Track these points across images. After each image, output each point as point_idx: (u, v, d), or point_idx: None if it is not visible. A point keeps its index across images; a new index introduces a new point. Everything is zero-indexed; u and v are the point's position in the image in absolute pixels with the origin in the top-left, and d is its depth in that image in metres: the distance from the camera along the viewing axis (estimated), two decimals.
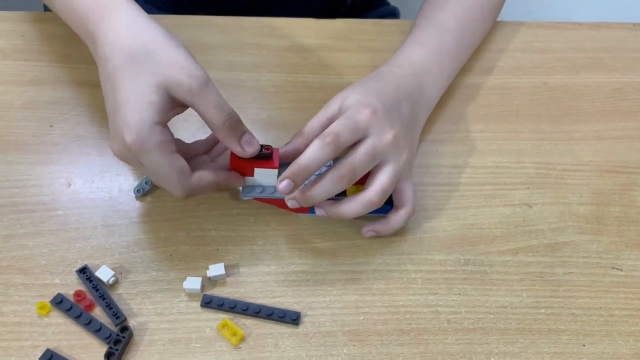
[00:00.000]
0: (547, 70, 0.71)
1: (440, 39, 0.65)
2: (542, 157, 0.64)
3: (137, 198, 0.57)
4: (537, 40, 0.74)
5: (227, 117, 0.50)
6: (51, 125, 0.62)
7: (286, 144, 0.55)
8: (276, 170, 0.53)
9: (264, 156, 0.52)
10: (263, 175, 0.54)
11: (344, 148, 0.52)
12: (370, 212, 0.54)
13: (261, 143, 0.52)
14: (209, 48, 0.70)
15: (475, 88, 0.69)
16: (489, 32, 0.73)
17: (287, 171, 0.51)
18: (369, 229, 0.56)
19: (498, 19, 0.75)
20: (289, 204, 0.53)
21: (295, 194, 0.52)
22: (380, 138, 0.53)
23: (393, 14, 0.95)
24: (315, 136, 0.53)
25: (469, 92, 0.69)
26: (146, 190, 0.57)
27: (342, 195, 0.54)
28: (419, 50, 0.64)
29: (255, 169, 0.53)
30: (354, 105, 0.54)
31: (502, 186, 0.61)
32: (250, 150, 0.52)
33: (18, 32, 0.69)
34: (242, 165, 0.53)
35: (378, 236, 0.56)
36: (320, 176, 0.52)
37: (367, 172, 0.53)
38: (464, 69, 0.70)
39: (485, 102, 0.68)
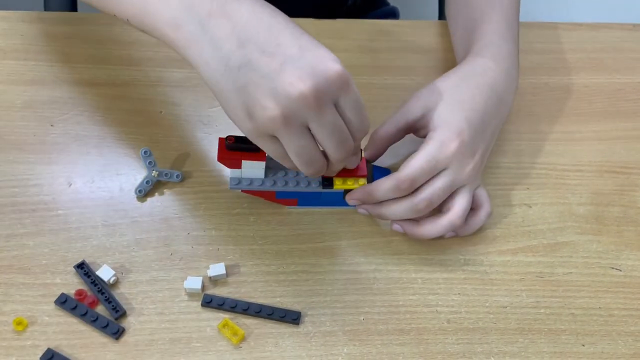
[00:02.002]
0: (547, 71, 0.72)
1: (515, 43, 0.62)
2: (542, 157, 0.64)
3: (138, 198, 0.57)
4: (538, 40, 0.75)
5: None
6: (51, 125, 0.62)
7: (365, 148, 0.57)
8: (264, 163, 0.53)
9: (252, 149, 0.52)
10: (251, 168, 0.54)
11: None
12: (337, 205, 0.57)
13: None
14: None
15: None
16: None
17: (357, 193, 0.54)
18: (450, 235, 0.56)
19: None
20: (360, 211, 0.56)
21: (369, 207, 0.55)
22: (459, 172, 0.53)
23: (393, 14, 0.95)
24: (390, 140, 0.56)
25: None
26: (147, 190, 0.58)
27: (329, 186, 0.55)
28: (508, 47, 0.60)
29: (243, 161, 0.53)
30: (441, 135, 0.53)
31: (502, 186, 0.61)
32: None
33: (17, 32, 0.69)
34: (229, 157, 0.53)
35: (456, 236, 0.57)
36: (398, 200, 0.53)
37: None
38: None
39: None
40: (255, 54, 0.44)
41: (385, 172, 0.56)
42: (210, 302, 0.52)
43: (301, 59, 0.43)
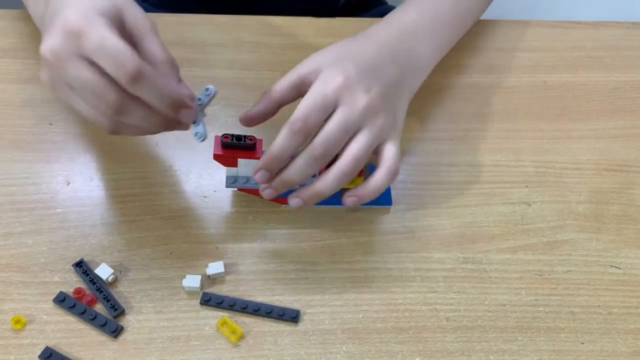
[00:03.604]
0: (546, 69, 0.72)
1: (436, 6, 0.63)
2: (541, 155, 0.64)
3: (135, 196, 0.57)
4: (536, 39, 0.75)
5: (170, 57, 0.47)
6: (50, 124, 0.62)
7: (254, 105, 0.54)
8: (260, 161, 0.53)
9: (248, 147, 0.52)
10: (247, 166, 0.54)
11: (316, 129, 0.50)
12: (365, 204, 0.53)
13: (247, 135, 0.52)
14: (208, 46, 0.70)
15: (474, 87, 0.69)
16: (485, 10, 0.72)
17: (261, 162, 0.50)
18: (349, 195, 0.52)
19: (497, 18, 0.75)
20: (265, 194, 0.52)
21: (273, 183, 0.51)
22: (352, 107, 0.50)
23: None
24: (282, 96, 0.53)
25: (468, 90, 0.69)
26: (204, 132, 0.55)
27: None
28: (411, 14, 0.61)
29: (239, 159, 0.53)
30: (325, 73, 0.51)
31: (501, 184, 0.61)
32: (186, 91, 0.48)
33: (16, 30, 0.69)
34: (225, 155, 0.53)
35: (358, 204, 0.53)
36: (293, 158, 0.50)
37: (344, 145, 0.51)
38: (463, 67, 0.70)
39: (484, 101, 0.68)
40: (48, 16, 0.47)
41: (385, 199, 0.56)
42: (209, 301, 0.51)
43: (59, 17, 0.44)
